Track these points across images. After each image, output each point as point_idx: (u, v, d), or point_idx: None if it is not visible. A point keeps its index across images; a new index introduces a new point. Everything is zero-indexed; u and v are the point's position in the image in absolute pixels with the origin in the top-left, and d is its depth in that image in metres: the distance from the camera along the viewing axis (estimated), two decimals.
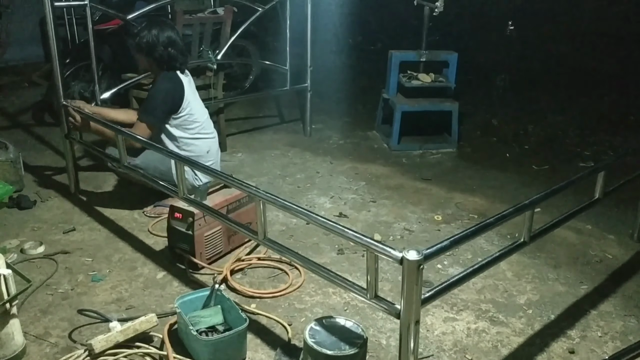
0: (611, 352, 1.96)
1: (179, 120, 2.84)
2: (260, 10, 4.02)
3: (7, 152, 3.22)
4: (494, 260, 1.73)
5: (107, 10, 3.43)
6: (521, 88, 5.61)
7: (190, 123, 2.86)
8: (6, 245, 2.64)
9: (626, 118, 4.79)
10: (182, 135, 2.86)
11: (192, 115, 2.86)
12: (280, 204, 1.81)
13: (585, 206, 2.15)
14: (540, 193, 1.83)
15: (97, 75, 3.24)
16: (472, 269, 1.68)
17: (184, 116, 2.83)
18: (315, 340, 1.69)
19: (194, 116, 2.87)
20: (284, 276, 2.43)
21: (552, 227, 1.97)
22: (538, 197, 1.80)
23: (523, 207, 1.73)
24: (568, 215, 2.06)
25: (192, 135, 2.88)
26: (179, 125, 2.85)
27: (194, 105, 2.89)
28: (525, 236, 1.81)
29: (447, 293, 1.64)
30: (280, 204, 1.80)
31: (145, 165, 2.72)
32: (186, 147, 2.87)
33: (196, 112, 2.89)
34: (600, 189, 2.16)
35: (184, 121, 2.84)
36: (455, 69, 4.14)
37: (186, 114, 2.84)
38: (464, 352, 1.97)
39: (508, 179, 3.61)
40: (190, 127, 2.87)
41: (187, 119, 2.85)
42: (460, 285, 1.71)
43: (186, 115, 2.84)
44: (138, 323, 1.93)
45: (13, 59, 6.02)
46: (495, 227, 1.72)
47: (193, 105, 2.87)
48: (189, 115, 2.84)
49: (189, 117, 2.85)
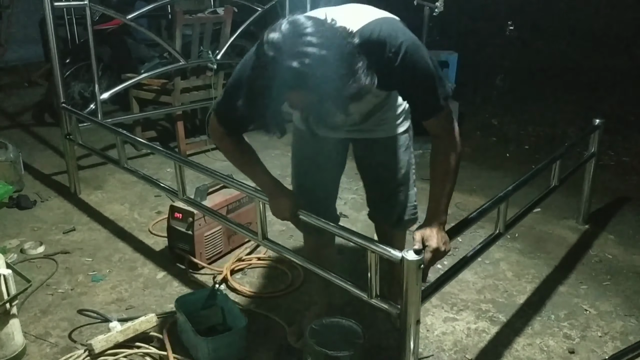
0: (611, 352, 1.96)
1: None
2: (260, 10, 4.03)
3: (7, 152, 3.22)
4: (478, 252, 1.83)
5: (107, 10, 3.43)
6: (521, 88, 5.61)
7: None
8: (6, 245, 2.64)
9: (626, 118, 4.79)
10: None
11: None
12: None
13: (546, 193, 2.37)
14: (510, 186, 1.93)
15: (97, 75, 3.24)
16: (462, 262, 1.77)
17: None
18: (315, 340, 1.69)
19: None
20: (284, 276, 2.43)
21: (521, 216, 2.11)
22: (509, 190, 1.90)
23: (498, 200, 1.84)
24: (532, 205, 2.23)
25: None
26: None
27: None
28: (500, 227, 1.90)
29: (443, 287, 1.67)
30: None
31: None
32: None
33: None
34: (556, 177, 2.39)
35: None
36: (455, 69, 4.14)
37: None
38: (464, 352, 1.97)
39: (508, 179, 3.61)
40: None
41: None
42: (454, 279, 1.75)
43: None
44: (138, 323, 1.94)
45: (13, 59, 6.03)
46: (478, 222, 1.81)
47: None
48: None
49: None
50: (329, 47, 1.15)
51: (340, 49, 1.17)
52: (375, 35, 1.33)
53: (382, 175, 1.84)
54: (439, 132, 1.50)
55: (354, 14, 1.41)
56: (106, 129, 2.93)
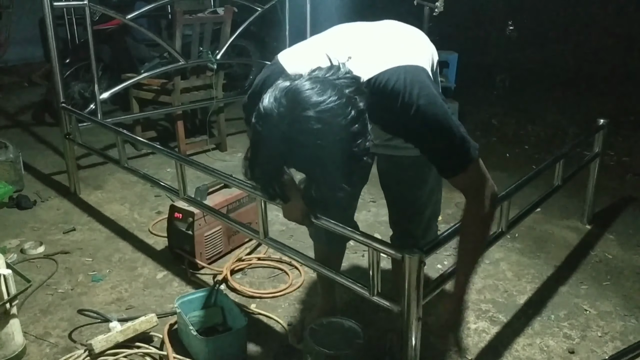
0: (611, 352, 1.96)
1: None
2: (260, 10, 4.03)
3: (7, 152, 3.22)
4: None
5: (107, 10, 3.43)
6: (521, 88, 5.61)
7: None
8: (6, 245, 2.64)
9: (626, 118, 4.79)
10: None
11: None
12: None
13: (549, 193, 2.37)
14: (513, 184, 1.94)
15: (97, 75, 3.23)
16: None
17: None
18: (315, 340, 1.69)
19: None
20: (284, 276, 2.43)
21: (524, 215, 2.12)
22: (512, 188, 1.90)
23: (501, 198, 1.82)
24: (535, 204, 2.24)
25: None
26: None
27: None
28: (503, 226, 1.90)
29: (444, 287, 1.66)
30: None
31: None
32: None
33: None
34: (560, 176, 2.38)
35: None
36: (455, 69, 4.14)
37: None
38: (464, 352, 1.97)
39: (508, 178, 3.60)
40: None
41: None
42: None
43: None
44: (138, 323, 1.93)
45: (13, 59, 6.02)
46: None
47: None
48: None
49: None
50: (328, 128, 1.05)
51: (342, 123, 1.06)
52: (390, 85, 1.23)
53: (406, 195, 1.71)
54: (464, 193, 1.39)
55: (377, 53, 1.30)
56: (106, 128, 2.94)
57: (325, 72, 1.13)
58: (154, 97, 3.84)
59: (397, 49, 1.33)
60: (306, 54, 1.33)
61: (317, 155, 1.07)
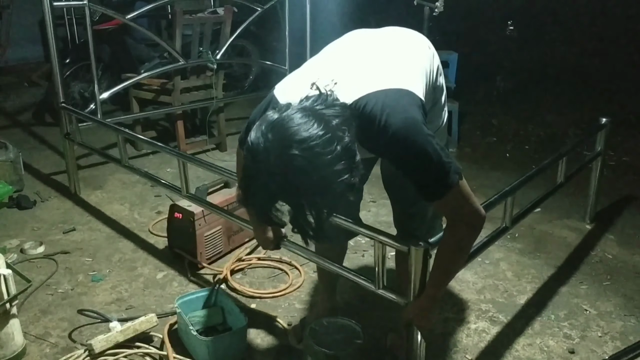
0: (611, 352, 1.96)
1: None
2: (260, 10, 4.03)
3: (7, 152, 3.22)
4: (483, 246, 1.83)
5: (106, 10, 3.43)
6: (521, 88, 5.61)
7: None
8: (6, 245, 2.64)
9: (626, 118, 4.79)
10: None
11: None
12: None
13: (552, 190, 2.39)
14: (515, 181, 1.94)
15: (97, 75, 3.24)
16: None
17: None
18: (315, 340, 1.69)
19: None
20: (284, 276, 2.43)
21: (527, 211, 2.13)
22: (516, 184, 1.91)
23: (505, 194, 1.84)
24: (538, 201, 2.26)
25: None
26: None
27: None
28: (507, 221, 1.91)
29: None
30: None
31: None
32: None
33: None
34: (562, 174, 2.39)
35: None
36: (455, 69, 4.13)
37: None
38: (464, 352, 1.97)
39: (508, 178, 3.60)
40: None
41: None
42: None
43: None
44: (138, 323, 1.94)
45: (13, 59, 6.02)
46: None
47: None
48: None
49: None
50: (313, 166, 1.06)
51: (326, 160, 1.07)
52: (369, 109, 1.23)
53: (409, 195, 1.65)
54: (445, 217, 1.40)
55: (362, 75, 1.29)
56: (107, 127, 2.94)
57: (313, 102, 1.14)
58: (154, 97, 3.84)
59: (384, 71, 1.32)
60: (297, 82, 1.33)
61: (302, 189, 1.08)
